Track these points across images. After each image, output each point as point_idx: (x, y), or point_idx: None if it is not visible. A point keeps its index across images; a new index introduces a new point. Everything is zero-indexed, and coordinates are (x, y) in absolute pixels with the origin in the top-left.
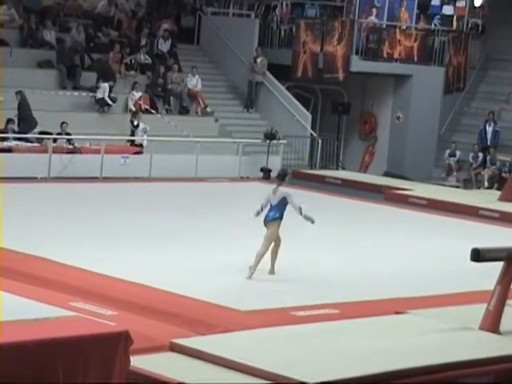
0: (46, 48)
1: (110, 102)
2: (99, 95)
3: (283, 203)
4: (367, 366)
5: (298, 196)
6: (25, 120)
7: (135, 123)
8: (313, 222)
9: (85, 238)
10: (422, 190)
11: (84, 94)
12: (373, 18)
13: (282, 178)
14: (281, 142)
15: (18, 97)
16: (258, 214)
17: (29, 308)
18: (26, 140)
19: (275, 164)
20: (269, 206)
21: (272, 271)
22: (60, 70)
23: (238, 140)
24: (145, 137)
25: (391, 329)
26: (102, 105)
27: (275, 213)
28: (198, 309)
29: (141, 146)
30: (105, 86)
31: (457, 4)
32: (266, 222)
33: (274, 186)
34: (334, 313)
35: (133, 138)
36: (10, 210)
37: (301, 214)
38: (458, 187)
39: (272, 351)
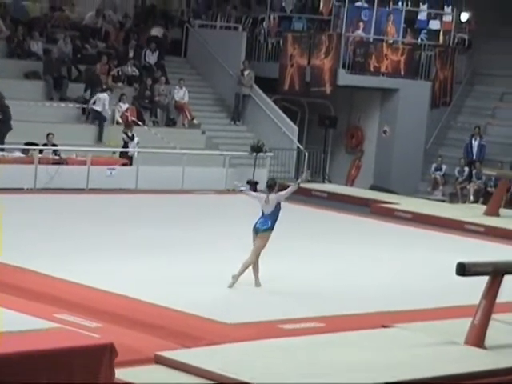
0: (33, 59)
1: (107, 116)
2: (98, 108)
3: (277, 211)
4: (352, 380)
5: (284, 209)
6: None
7: (130, 135)
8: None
9: (70, 249)
10: (408, 204)
11: (71, 105)
12: (360, 32)
13: (272, 187)
14: (267, 154)
15: None
16: (241, 187)
17: (13, 320)
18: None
19: (262, 176)
20: (261, 213)
21: (258, 283)
22: (47, 81)
23: (224, 152)
24: (132, 149)
25: (377, 342)
26: (99, 118)
27: (267, 222)
28: (184, 321)
29: (131, 158)
30: (104, 96)
31: (443, 19)
32: (257, 231)
33: (264, 195)
34: (320, 326)
35: (119, 149)
36: None
37: (298, 184)
38: (443, 201)
39: (258, 364)
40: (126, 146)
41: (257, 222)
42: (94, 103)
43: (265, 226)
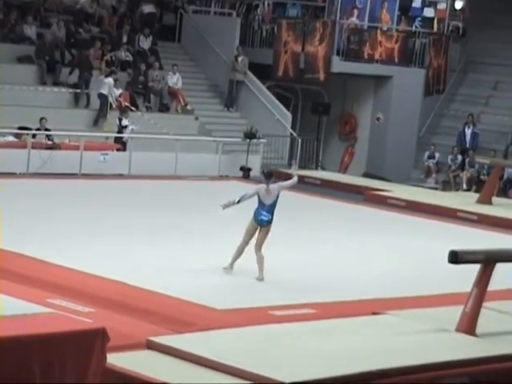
0: (27, 43)
1: (111, 101)
2: (104, 91)
3: (276, 201)
4: (343, 367)
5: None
6: None
7: (124, 124)
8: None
9: (63, 234)
10: (401, 192)
11: (64, 89)
12: (354, 19)
13: (270, 176)
14: (261, 141)
15: None
16: (226, 206)
17: (6, 304)
18: None
19: (255, 163)
20: (259, 203)
21: (261, 277)
22: (40, 66)
23: (217, 138)
24: (125, 134)
25: (368, 329)
26: (103, 102)
27: (269, 214)
28: (176, 307)
29: (124, 143)
30: (109, 80)
31: (438, 6)
32: (263, 223)
33: (263, 185)
34: (311, 313)
35: (113, 134)
36: None
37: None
38: (436, 189)
39: (249, 350)
40: (120, 131)
41: (259, 213)
42: (101, 85)
43: (268, 219)
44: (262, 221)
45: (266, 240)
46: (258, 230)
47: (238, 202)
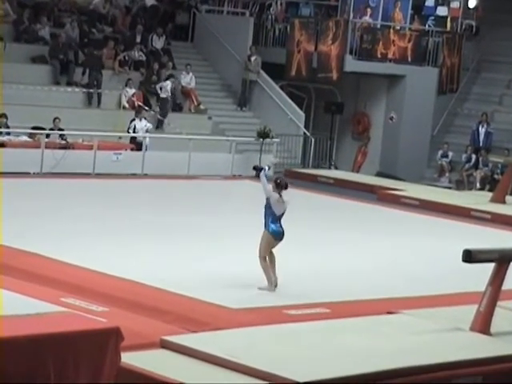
0: (40, 43)
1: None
2: (164, 95)
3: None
4: (358, 366)
5: (291, 195)
6: None
7: (138, 124)
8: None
9: (77, 234)
10: (415, 191)
11: (77, 89)
12: (367, 18)
13: (286, 186)
14: (274, 140)
15: None
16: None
17: (21, 303)
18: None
19: (268, 163)
20: (272, 215)
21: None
22: (53, 66)
23: (231, 138)
24: (147, 134)
25: (383, 329)
26: (164, 105)
27: (281, 227)
28: (190, 306)
29: (140, 144)
30: (168, 83)
31: (451, 5)
32: (281, 236)
33: (277, 194)
34: (325, 312)
35: (125, 134)
36: (2, 205)
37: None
38: (450, 188)
39: (263, 349)
40: (135, 131)
41: (275, 225)
42: (161, 89)
43: (283, 230)
44: (282, 233)
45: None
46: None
47: (265, 173)
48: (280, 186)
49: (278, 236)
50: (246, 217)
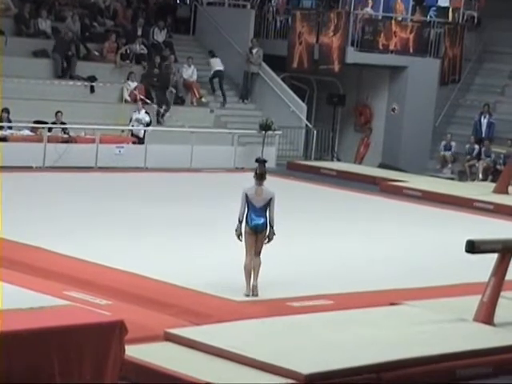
0: (42, 37)
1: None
2: (220, 68)
3: (267, 205)
4: (362, 357)
5: (293, 186)
6: None
7: (137, 117)
8: (269, 241)
9: (80, 227)
10: (417, 182)
11: (79, 83)
12: (368, 10)
13: (261, 176)
14: (276, 132)
15: None
16: (240, 233)
17: (24, 297)
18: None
19: (270, 155)
20: (249, 207)
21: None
22: (55, 60)
23: (233, 131)
24: (141, 127)
25: (386, 320)
26: (220, 76)
27: (263, 217)
28: (193, 299)
29: (138, 137)
30: (217, 60)
31: None
32: (258, 228)
33: (254, 185)
34: (328, 303)
35: (127, 127)
36: (5, 199)
37: (271, 227)
38: (452, 179)
39: (266, 341)
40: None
41: (251, 219)
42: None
43: (263, 221)
44: (257, 225)
45: (282, 230)
46: (255, 238)
47: (241, 222)
48: (257, 177)
49: (255, 228)
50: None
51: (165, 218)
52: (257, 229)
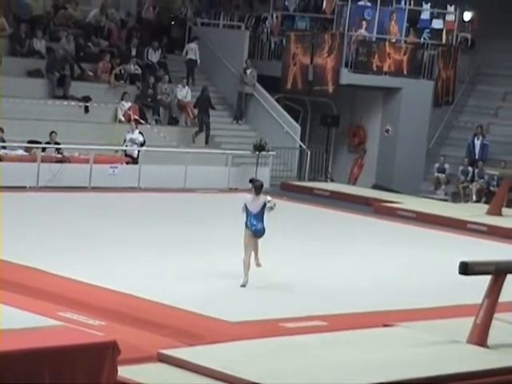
0: (36, 57)
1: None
2: (192, 56)
3: (263, 210)
4: (355, 379)
5: (287, 207)
6: None
7: (131, 137)
8: (272, 208)
9: (73, 247)
10: (411, 203)
11: (73, 103)
12: (363, 31)
13: (260, 188)
14: (270, 153)
15: None
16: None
17: (17, 317)
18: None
19: (264, 175)
20: (249, 214)
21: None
22: (50, 79)
23: (227, 151)
24: (135, 147)
25: (379, 341)
26: (192, 65)
27: (260, 223)
28: (187, 319)
29: (132, 157)
30: (194, 45)
31: (446, 18)
32: (257, 233)
33: (252, 196)
34: (322, 325)
35: (121, 147)
36: None
37: (270, 208)
38: (446, 200)
39: (260, 362)
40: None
41: (251, 224)
42: (187, 53)
43: (262, 227)
44: (257, 230)
45: (275, 251)
46: (254, 240)
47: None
48: (256, 188)
49: (256, 232)
50: (242, 229)
51: (158, 237)
52: (256, 233)
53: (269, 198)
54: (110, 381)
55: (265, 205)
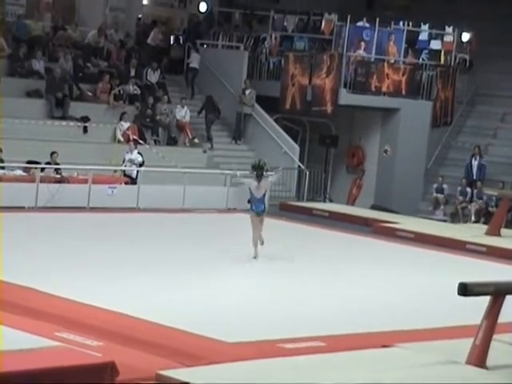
0: (35, 77)
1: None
2: (195, 65)
3: (265, 194)
4: None
5: (286, 228)
6: None
7: (130, 157)
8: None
9: (71, 268)
10: (410, 224)
11: (72, 123)
12: (361, 52)
13: (261, 176)
14: (269, 173)
15: None
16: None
17: (14, 338)
18: None
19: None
20: (253, 198)
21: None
22: (49, 100)
23: (225, 171)
24: (133, 167)
25: (378, 362)
26: (194, 73)
27: (262, 204)
28: (185, 340)
29: (131, 177)
30: (197, 55)
31: (444, 39)
32: (259, 212)
33: (255, 182)
34: (321, 345)
35: (120, 168)
36: None
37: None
38: (445, 221)
39: (258, 383)
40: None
41: (255, 205)
42: (188, 65)
43: (263, 208)
44: (260, 210)
45: (274, 271)
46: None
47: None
48: (258, 176)
49: (258, 212)
50: (242, 250)
51: (157, 258)
52: (259, 213)
53: (270, 179)
54: None
55: (266, 190)
